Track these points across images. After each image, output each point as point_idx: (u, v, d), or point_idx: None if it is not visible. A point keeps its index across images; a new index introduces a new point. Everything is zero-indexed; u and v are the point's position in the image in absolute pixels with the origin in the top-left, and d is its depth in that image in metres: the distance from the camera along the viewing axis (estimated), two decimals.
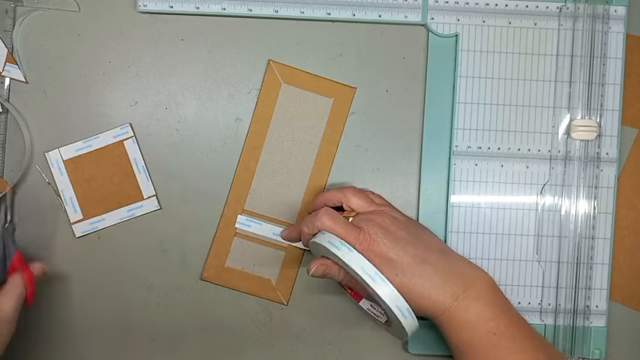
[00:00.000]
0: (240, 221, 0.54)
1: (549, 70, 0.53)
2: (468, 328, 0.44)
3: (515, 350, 0.44)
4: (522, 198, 0.53)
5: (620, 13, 0.53)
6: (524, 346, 0.44)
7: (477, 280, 0.45)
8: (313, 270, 0.46)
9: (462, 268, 0.46)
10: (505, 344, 0.44)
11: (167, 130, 0.54)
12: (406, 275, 0.44)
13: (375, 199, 0.50)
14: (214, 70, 0.54)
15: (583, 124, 0.52)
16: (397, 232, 0.46)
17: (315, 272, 0.46)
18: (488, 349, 0.44)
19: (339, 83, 0.54)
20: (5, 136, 0.53)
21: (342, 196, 0.49)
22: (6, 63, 0.53)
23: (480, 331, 0.44)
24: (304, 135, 0.54)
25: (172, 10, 0.52)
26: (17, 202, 0.53)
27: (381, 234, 0.45)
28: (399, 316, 0.43)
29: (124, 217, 0.54)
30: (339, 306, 0.54)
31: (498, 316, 0.44)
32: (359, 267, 0.43)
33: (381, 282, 0.43)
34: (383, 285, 0.43)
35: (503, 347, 0.44)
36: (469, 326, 0.44)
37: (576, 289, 0.53)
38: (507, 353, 0.43)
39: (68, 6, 0.53)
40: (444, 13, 0.53)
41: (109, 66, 0.53)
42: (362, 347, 0.54)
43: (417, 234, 0.47)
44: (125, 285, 0.54)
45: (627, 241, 0.54)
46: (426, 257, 0.45)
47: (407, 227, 0.47)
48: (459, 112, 0.53)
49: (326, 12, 0.53)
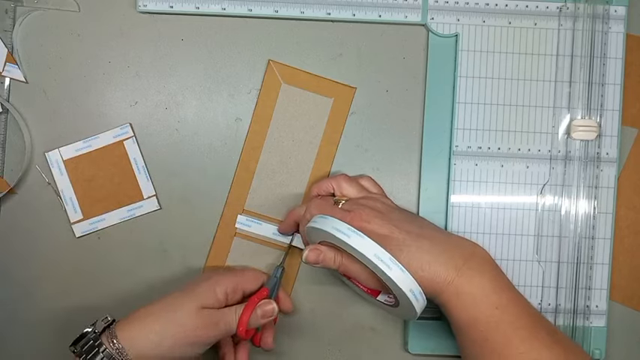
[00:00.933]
0: (240, 221, 0.54)
1: (549, 70, 0.53)
2: (472, 302, 0.43)
3: (519, 326, 0.43)
4: (522, 198, 0.53)
5: (620, 13, 0.53)
6: (526, 321, 0.43)
7: (476, 253, 0.45)
8: (305, 255, 0.45)
9: (459, 241, 0.46)
10: (507, 319, 0.43)
11: (167, 130, 0.54)
12: (403, 250, 0.43)
13: (370, 187, 0.51)
14: (214, 70, 0.54)
15: (583, 124, 0.52)
16: (389, 213, 0.46)
17: (308, 258, 0.45)
18: (491, 324, 0.43)
19: (339, 83, 0.54)
20: (5, 136, 0.53)
21: (334, 184, 0.50)
22: (6, 63, 0.53)
23: (484, 305, 0.43)
24: (304, 135, 0.54)
25: (172, 10, 0.52)
26: (17, 202, 0.53)
27: (372, 215, 0.45)
28: (412, 299, 0.43)
29: (124, 217, 0.54)
30: (339, 306, 0.54)
31: (501, 288, 0.44)
32: (372, 254, 0.42)
33: (395, 267, 0.42)
34: (397, 270, 0.42)
35: (506, 322, 0.43)
36: (473, 300, 0.43)
37: (576, 289, 0.53)
38: (511, 329, 0.43)
39: (68, 6, 0.53)
40: (444, 13, 0.53)
41: (109, 66, 0.53)
42: (362, 347, 0.54)
43: (410, 215, 0.48)
44: (125, 285, 0.54)
45: (627, 241, 0.54)
46: (422, 232, 0.45)
47: (399, 210, 0.48)
48: (459, 112, 0.53)
49: (326, 12, 0.53)
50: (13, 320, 0.53)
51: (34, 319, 0.54)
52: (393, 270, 0.42)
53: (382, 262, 0.42)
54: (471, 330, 0.44)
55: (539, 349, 0.42)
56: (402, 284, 0.42)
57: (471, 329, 0.44)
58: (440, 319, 0.53)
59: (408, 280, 0.42)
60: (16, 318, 0.53)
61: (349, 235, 0.43)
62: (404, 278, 0.42)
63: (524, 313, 0.44)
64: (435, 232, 0.46)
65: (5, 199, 0.53)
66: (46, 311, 0.53)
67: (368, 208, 0.46)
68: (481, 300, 0.43)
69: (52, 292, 0.53)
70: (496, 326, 0.43)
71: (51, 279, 0.53)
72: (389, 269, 0.42)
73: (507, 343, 0.42)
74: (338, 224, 0.44)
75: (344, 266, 0.46)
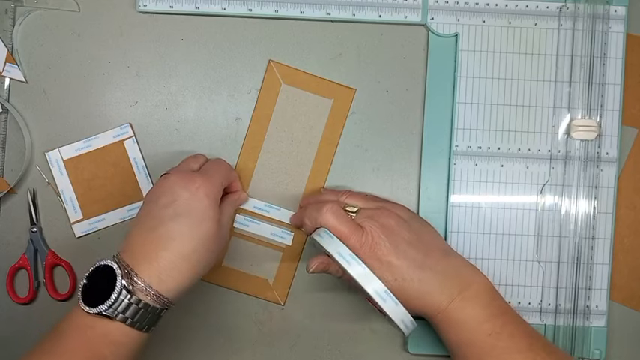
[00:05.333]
0: (239, 221, 0.54)
1: (549, 70, 0.53)
2: (464, 328, 0.44)
3: (514, 350, 0.43)
4: (522, 198, 0.53)
5: (620, 13, 0.53)
6: (522, 345, 0.44)
7: (474, 282, 0.45)
8: (313, 268, 0.46)
9: (460, 269, 0.46)
10: (502, 344, 0.43)
11: (167, 130, 0.54)
12: (405, 280, 0.44)
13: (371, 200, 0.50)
14: (214, 70, 0.54)
15: (583, 124, 0.52)
16: (400, 232, 0.46)
17: (315, 270, 0.47)
18: (485, 349, 0.43)
19: (338, 84, 0.54)
20: (5, 136, 0.53)
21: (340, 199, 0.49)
22: (6, 63, 0.53)
23: (476, 332, 0.44)
24: (304, 135, 0.54)
25: (172, 10, 0.52)
26: (17, 202, 0.53)
27: (383, 236, 0.45)
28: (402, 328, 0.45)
29: (125, 217, 0.54)
30: (338, 306, 0.54)
31: (494, 316, 0.44)
32: (370, 288, 0.44)
33: (390, 300, 0.44)
34: (392, 303, 0.44)
35: (501, 347, 0.43)
36: (464, 327, 0.44)
37: (576, 289, 0.53)
38: (506, 353, 0.43)
39: (68, 6, 0.53)
40: (444, 13, 0.53)
41: (109, 66, 0.54)
42: (362, 347, 0.54)
43: (420, 233, 0.47)
44: None
45: (627, 241, 0.54)
46: (426, 261, 0.45)
47: (410, 227, 0.47)
48: (459, 112, 0.53)
49: (326, 12, 0.53)
50: (13, 320, 0.53)
51: (33, 319, 0.54)
52: (387, 302, 0.44)
53: (377, 295, 0.44)
54: (465, 352, 0.44)
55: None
56: (394, 316, 0.44)
57: (465, 351, 0.45)
58: None
59: (401, 313, 0.44)
60: (15, 318, 0.54)
61: (350, 263, 0.44)
62: (397, 311, 0.44)
63: (520, 338, 0.44)
64: (438, 259, 0.46)
65: (5, 199, 0.53)
66: (46, 311, 0.53)
67: (380, 227, 0.45)
68: (473, 327, 0.44)
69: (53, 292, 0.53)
70: (490, 351, 0.44)
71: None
72: (383, 302, 0.44)
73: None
74: (341, 249, 0.44)
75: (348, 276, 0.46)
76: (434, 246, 0.47)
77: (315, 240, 0.46)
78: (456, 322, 0.44)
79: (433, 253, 0.46)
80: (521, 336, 0.44)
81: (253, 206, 0.54)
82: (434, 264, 0.45)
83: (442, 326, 0.45)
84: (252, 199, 0.54)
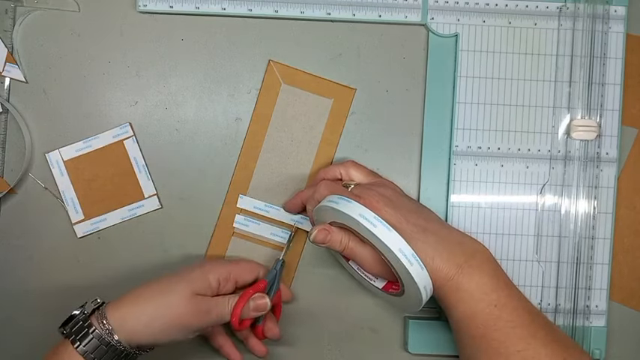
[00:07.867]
0: (238, 221, 0.54)
1: (549, 70, 0.53)
2: (471, 299, 0.43)
3: (517, 324, 0.43)
4: (522, 198, 0.53)
5: (620, 13, 0.53)
6: (524, 319, 0.44)
7: (477, 251, 0.45)
8: (314, 235, 0.45)
9: (462, 237, 0.46)
10: (506, 317, 0.43)
11: (167, 130, 0.54)
12: (410, 243, 0.43)
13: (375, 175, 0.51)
14: (214, 70, 0.54)
15: (583, 124, 0.52)
16: (398, 201, 0.46)
17: (316, 239, 0.45)
18: (489, 321, 0.43)
19: (338, 84, 0.54)
20: (5, 136, 0.53)
21: (342, 169, 0.50)
22: (6, 63, 0.53)
23: (482, 303, 0.43)
24: (304, 135, 0.54)
25: (172, 10, 0.52)
26: (17, 203, 0.53)
27: (382, 202, 0.45)
28: (423, 295, 0.43)
29: (126, 216, 0.54)
30: (338, 306, 0.54)
31: (500, 287, 0.44)
32: (397, 248, 0.42)
33: (416, 264, 0.42)
34: (418, 267, 0.42)
35: (504, 320, 0.43)
36: (472, 297, 0.43)
37: (576, 289, 0.53)
38: (509, 327, 0.43)
39: (68, 6, 0.53)
40: (444, 13, 0.53)
41: (109, 66, 0.54)
42: (362, 347, 0.54)
43: (417, 205, 0.48)
44: (126, 285, 0.54)
45: (627, 241, 0.54)
46: (428, 226, 0.45)
47: (407, 198, 0.48)
48: (459, 112, 0.53)
49: (326, 12, 0.53)
50: (13, 321, 0.54)
51: (34, 319, 0.54)
52: (414, 266, 0.42)
53: (405, 257, 0.42)
54: (469, 325, 0.44)
55: (536, 347, 0.42)
56: (419, 281, 0.43)
57: (469, 324, 0.44)
58: (439, 319, 0.53)
59: (426, 278, 0.43)
60: (16, 318, 0.54)
61: (375, 225, 0.43)
62: (423, 275, 0.43)
63: (522, 312, 0.44)
64: (439, 227, 0.46)
65: (5, 199, 0.53)
66: (47, 312, 0.54)
67: (378, 195, 0.45)
68: (480, 297, 0.43)
69: (53, 293, 0.54)
70: (494, 324, 0.43)
71: (52, 280, 0.53)
72: (410, 265, 0.42)
73: (505, 340, 0.43)
74: (364, 211, 0.43)
75: (350, 249, 0.46)
76: (433, 217, 0.48)
77: (328, 208, 0.45)
78: (465, 291, 0.43)
79: (433, 221, 0.46)
80: (523, 309, 0.44)
81: (253, 206, 0.54)
82: (436, 230, 0.45)
83: (450, 297, 0.44)
84: (252, 199, 0.54)
